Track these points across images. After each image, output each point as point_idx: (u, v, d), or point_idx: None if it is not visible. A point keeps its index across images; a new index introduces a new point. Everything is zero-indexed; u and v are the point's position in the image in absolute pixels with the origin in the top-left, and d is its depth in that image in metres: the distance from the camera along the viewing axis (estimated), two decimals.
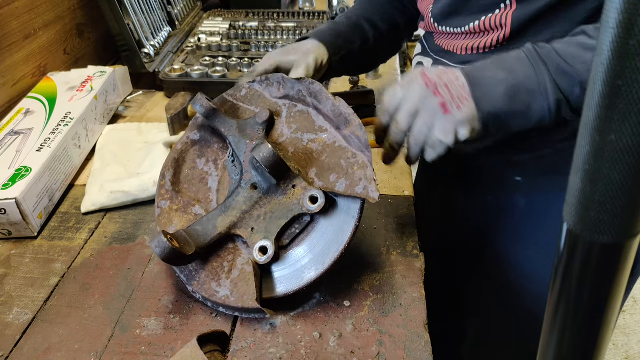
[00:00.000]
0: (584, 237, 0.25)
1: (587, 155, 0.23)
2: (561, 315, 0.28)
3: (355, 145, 0.64)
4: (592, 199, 0.24)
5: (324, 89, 0.67)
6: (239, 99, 0.72)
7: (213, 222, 0.64)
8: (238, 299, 0.61)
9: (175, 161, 0.70)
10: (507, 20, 0.69)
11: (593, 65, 0.22)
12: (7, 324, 0.62)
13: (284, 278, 0.62)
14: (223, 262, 0.64)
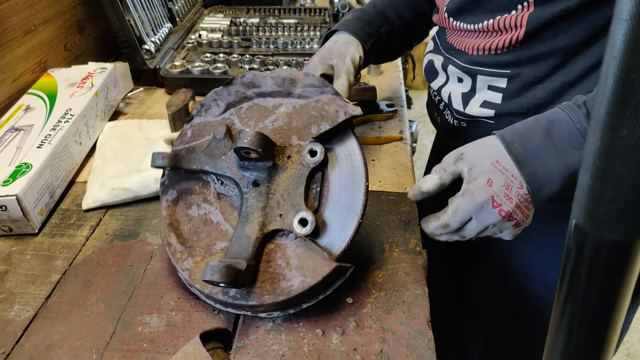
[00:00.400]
0: (593, 234, 0.25)
1: (597, 151, 0.23)
2: (569, 313, 0.28)
3: (314, 92, 0.67)
4: (602, 196, 0.23)
5: (256, 72, 0.70)
6: (188, 141, 0.70)
7: (243, 235, 0.61)
8: (313, 278, 0.59)
9: (170, 225, 0.67)
10: (522, 21, 0.67)
11: (604, 59, 0.21)
12: (8, 320, 0.62)
13: (335, 238, 0.61)
14: (275, 262, 0.62)
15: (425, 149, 2.91)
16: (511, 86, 0.73)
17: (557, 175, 0.58)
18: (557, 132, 0.59)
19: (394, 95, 1.11)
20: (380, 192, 0.82)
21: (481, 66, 0.75)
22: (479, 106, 0.77)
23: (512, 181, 0.59)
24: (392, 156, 0.90)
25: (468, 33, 0.76)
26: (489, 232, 0.62)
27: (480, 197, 0.59)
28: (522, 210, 0.60)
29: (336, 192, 0.63)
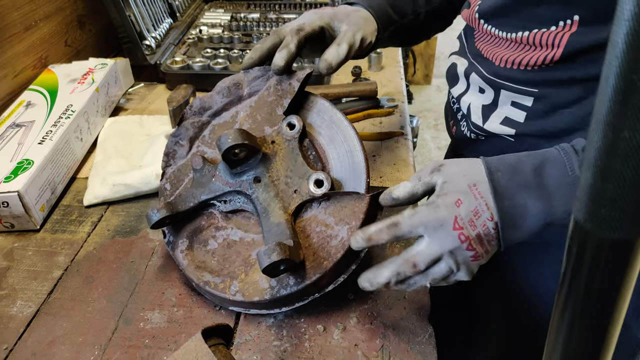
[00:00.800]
0: (594, 233, 0.25)
1: (598, 151, 0.23)
2: (569, 311, 0.28)
3: (260, 83, 0.69)
4: (604, 195, 0.23)
5: (200, 96, 0.71)
6: (171, 193, 0.68)
7: (272, 225, 0.61)
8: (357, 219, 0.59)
9: (198, 268, 0.64)
10: (562, 41, 0.61)
11: (606, 58, 0.21)
12: (10, 316, 0.62)
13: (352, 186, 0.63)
14: (314, 232, 0.61)
15: (426, 144, 2.91)
16: (537, 106, 0.67)
17: (533, 219, 0.52)
18: (547, 174, 0.52)
19: (394, 90, 1.11)
20: (381, 187, 0.82)
21: (507, 80, 0.69)
22: (500, 123, 0.71)
23: (484, 210, 0.52)
24: (393, 152, 0.90)
25: (498, 40, 0.69)
26: (442, 266, 0.53)
27: (443, 214, 0.52)
28: (483, 244, 0.53)
29: (334, 156, 0.64)
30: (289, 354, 0.57)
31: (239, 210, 0.66)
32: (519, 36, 0.65)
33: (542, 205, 0.51)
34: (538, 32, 0.63)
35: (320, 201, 0.62)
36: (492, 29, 0.69)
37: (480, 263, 0.54)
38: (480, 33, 0.73)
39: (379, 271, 0.54)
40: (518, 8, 0.64)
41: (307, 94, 0.68)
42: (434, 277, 0.54)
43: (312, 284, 0.58)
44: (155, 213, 0.63)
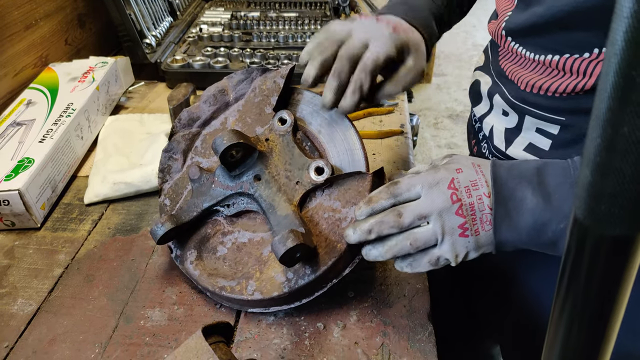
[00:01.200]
0: (594, 229, 0.25)
1: (598, 147, 0.23)
2: (568, 308, 0.28)
3: (245, 86, 0.70)
4: (603, 191, 0.23)
5: (188, 108, 0.71)
6: (171, 208, 0.68)
7: (280, 219, 0.61)
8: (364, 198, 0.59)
9: (211, 275, 0.63)
10: (594, 70, 0.56)
11: (605, 55, 0.21)
12: (11, 314, 0.62)
13: (351, 168, 0.63)
14: (322, 219, 0.61)
15: (426, 143, 2.91)
16: (564, 135, 0.63)
17: (528, 215, 0.50)
18: (548, 172, 0.51)
19: None
20: None
21: (532, 106, 0.64)
22: (523, 149, 0.68)
23: (482, 185, 0.51)
24: (393, 150, 0.91)
25: (524, 61, 0.64)
26: (427, 228, 0.51)
27: (442, 174, 0.52)
28: (475, 220, 0.51)
29: (334, 154, 0.65)
30: (289, 352, 0.58)
31: (243, 212, 0.66)
32: (547, 59, 0.60)
33: (540, 201, 0.50)
34: (570, 57, 0.58)
35: (323, 189, 0.62)
36: (519, 48, 0.64)
37: (467, 247, 0.52)
38: (505, 50, 0.68)
39: (365, 219, 0.53)
40: (551, 29, 0.59)
41: (292, 89, 0.68)
42: (416, 237, 0.51)
43: (328, 269, 0.58)
44: (160, 227, 0.62)
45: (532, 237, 0.51)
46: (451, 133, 2.97)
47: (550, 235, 0.50)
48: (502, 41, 0.67)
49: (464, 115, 3.12)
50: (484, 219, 0.51)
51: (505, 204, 0.51)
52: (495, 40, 0.70)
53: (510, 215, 0.50)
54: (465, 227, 0.51)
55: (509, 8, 0.66)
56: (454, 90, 3.39)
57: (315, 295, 0.60)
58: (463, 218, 0.51)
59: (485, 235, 0.51)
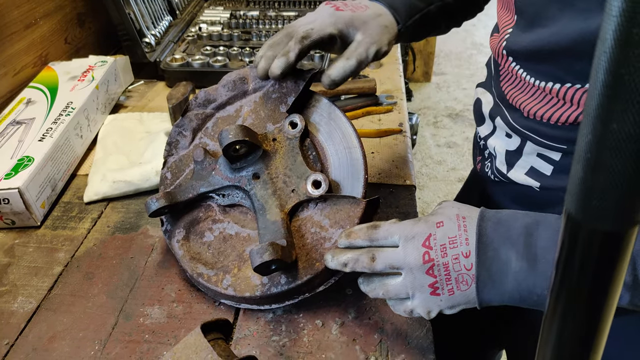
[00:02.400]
0: (586, 225, 0.25)
1: (589, 143, 0.23)
2: (562, 302, 0.29)
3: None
4: (594, 187, 0.24)
5: (206, 88, 0.71)
6: (171, 182, 0.69)
7: (268, 223, 0.61)
8: (351, 224, 0.60)
9: (192, 259, 0.64)
10: None
11: (595, 54, 0.22)
12: (12, 312, 0.63)
13: (350, 189, 0.63)
14: (309, 232, 0.62)
15: (425, 141, 2.91)
16: (566, 162, 0.62)
17: (512, 278, 0.48)
18: (538, 234, 0.49)
19: (393, 87, 1.11)
20: (380, 184, 0.82)
21: (534, 133, 0.63)
22: (525, 173, 0.67)
23: (461, 243, 0.50)
24: (392, 149, 0.91)
25: (525, 85, 0.63)
26: (398, 281, 0.51)
27: (420, 228, 0.51)
28: (449, 280, 0.49)
29: (333, 153, 0.65)
30: (288, 349, 0.58)
31: (236, 204, 0.67)
32: (548, 87, 0.58)
33: (524, 266, 0.48)
34: (571, 87, 0.56)
35: (316, 202, 0.62)
36: (519, 70, 0.62)
37: (440, 305, 0.50)
38: (505, 71, 0.66)
39: (344, 251, 0.54)
40: (555, 56, 0.56)
41: (312, 93, 0.68)
42: (388, 289, 0.52)
43: (303, 284, 0.59)
44: (154, 202, 0.63)
45: (516, 300, 0.49)
46: (450, 132, 2.97)
47: (535, 299, 0.48)
48: (502, 60, 0.66)
49: (463, 114, 3.12)
50: (459, 279, 0.50)
51: (488, 267, 0.49)
52: (496, 58, 0.68)
53: (494, 279, 0.49)
54: (436, 286, 0.50)
55: (509, 24, 0.64)
56: (453, 89, 3.39)
57: (285, 304, 0.61)
58: (434, 278, 0.50)
59: (461, 295, 0.50)
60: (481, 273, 0.49)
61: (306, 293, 0.60)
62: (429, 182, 2.60)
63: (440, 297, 0.50)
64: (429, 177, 2.64)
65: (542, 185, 0.65)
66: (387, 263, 0.51)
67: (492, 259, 0.49)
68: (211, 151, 0.69)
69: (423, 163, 2.73)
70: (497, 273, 0.49)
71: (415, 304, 0.51)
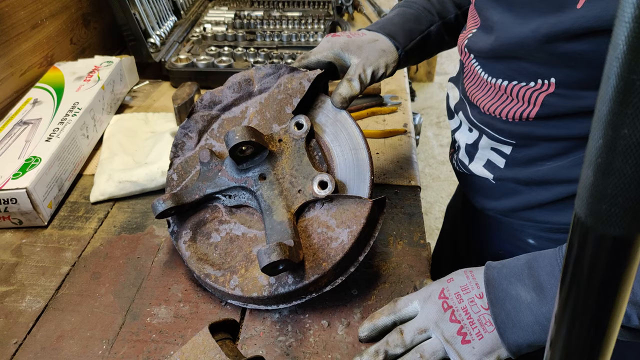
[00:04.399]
0: (595, 229, 0.25)
1: (599, 148, 0.23)
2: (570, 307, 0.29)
3: (271, 81, 0.69)
4: (604, 192, 0.24)
5: (211, 90, 0.71)
6: (177, 183, 0.70)
7: (274, 223, 0.61)
8: (358, 224, 0.60)
9: (200, 260, 0.65)
10: (537, 100, 0.60)
11: (607, 59, 0.22)
12: (20, 311, 0.63)
13: (356, 189, 0.63)
14: (315, 233, 0.62)
15: (429, 141, 2.91)
16: (515, 155, 0.67)
17: (528, 312, 0.51)
18: (538, 265, 0.53)
19: (397, 88, 1.11)
20: (385, 185, 0.82)
21: (489, 128, 0.68)
22: (482, 166, 0.72)
23: (473, 287, 0.54)
24: (396, 149, 0.91)
25: (482, 82, 0.67)
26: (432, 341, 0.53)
27: (433, 287, 0.56)
28: (473, 322, 0.52)
29: (339, 153, 0.65)
30: (294, 349, 0.58)
31: (243, 205, 0.67)
32: (498, 83, 0.63)
33: (536, 296, 0.51)
34: (517, 84, 0.61)
35: (323, 202, 0.63)
36: (477, 68, 0.67)
37: (475, 353, 0.52)
38: (467, 69, 0.70)
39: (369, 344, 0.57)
40: (505, 55, 0.61)
41: (317, 94, 0.69)
42: (423, 349, 0.53)
43: (310, 284, 0.59)
44: (161, 203, 0.64)
45: (538, 333, 0.51)
46: None
47: None
48: (464, 57, 0.70)
49: None
50: (482, 320, 0.53)
51: (503, 306, 0.52)
52: (460, 57, 0.72)
53: (511, 317, 0.52)
54: (464, 332, 0.52)
55: (475, 25, 0.68)
56: None
57: (293, 304, 0.61)
58: (458, 323, 0.53)
59: (490, 337, 0.52)
60: (497, 312, 0.52)
61: (313, 293, 0.61)
62: (432, 182, 2.60)
63: (472, 343, 0.52)
64: (432, 177, 2.63)
65: (496, 176, 0.71)
66: (414, 328, 0.54)
67: (504, 298, 0.52)
68: (217, 152, 0.69)
69: (426, 163, 2.73)
70: (513, 310, 0.52)
71: (453, 358, 0.52)
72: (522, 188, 0.69)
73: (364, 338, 0.58)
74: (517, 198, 0.70)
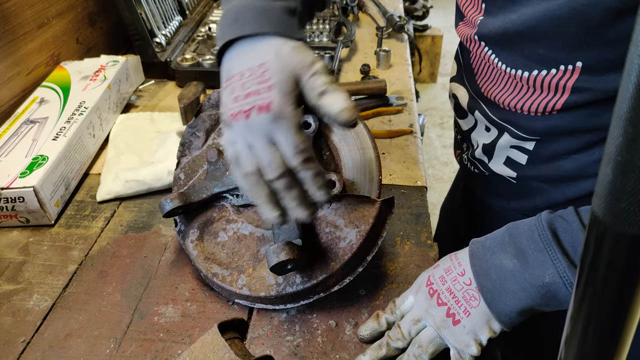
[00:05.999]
0: (613, 228, 0.25)
1: (619, 146, 0.23)
2: (586, 306, 0.29)
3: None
4: (623, 190, 0.24)
5: (215, 91, 0.71)
6: (185, 183, 0.70)
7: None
8: (367, 223, 0.60)
9: (207, 259, 0.65)
10: (566, 85, 0.57)
11: (628, 57, 0.22)
12: (27, 310, 0.63)
13: (364, 189, 0.63)
14: (323, 232, 0.62)
15: (432, 142, 2.91)
16: (539, 151, 0.66)
17: (513, 279, 0.51)
18: (517, 231, 0.53)
19: (403, 88, 1.11)
20: (391, 185, 0.82)
21: (509, 124, 0.66)
22: (503, 163, 0.71)
23: (455, 267, 0.55)
24: (403, 150, 0.91)
25: (498, 73, 0.65)
26: (428, 331, 0.54)
27: (422, 277, 0.58)
28: (458, 301, 0.53)
29: (346, 153, 0.65)
30: (302, 349, 0.58)
31: (250, 204, 0.67)
32: (518, 74, 0.60)
33: (518, 262, 0.51)
34: (539, 74, 0.58)
35: (330, 202, 0.62)
36: (492, 57, 0.64)
37: (467, 332, 0.52)
38: (478, 60, 0.67)
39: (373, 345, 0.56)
40: (521, 41, 0.58)
41: None
42: (421, 340, 0.54)
43: (318, 283, 0.59)
44: (168, 202, 0.64)
45: (529, 301, 0.51)
46: None
47: (544, 292, 0.50)
48: (474, 46, 0.66)
49: None
50: (467, 296, 0.53)
51: (488, 276, 0.52)
52: (467, 45, 0.69)
53: (496, 285, 0.52)
54: (452, 313, 0.53)
55: (478, 13, 0.65)
56: None
57: (300, 303, 0.61)
58: (445, 306, 0.54)
59: (477, 312, 0.52)
60: (483, 283, 0.53)
61: (321, 293, 0.60)
62: (436, 183, 2.60)
63: (462, 322, 0.53)
64: (435, 178, 2.63)
65: (519, 174, 0.69)
66: (409, 319, 0.56)
67: (488, 269, 0.53)
68: (223, 150, 0.69)
69: (429, 164, 2.73)
70: (497, 279, 0.52)
71: (451, 342, 0.53)
72: (545, 186, 0.68)
73: (366, 337, 0.58)
74: (541, 197, 0.69)
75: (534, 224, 0.53)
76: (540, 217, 0.53)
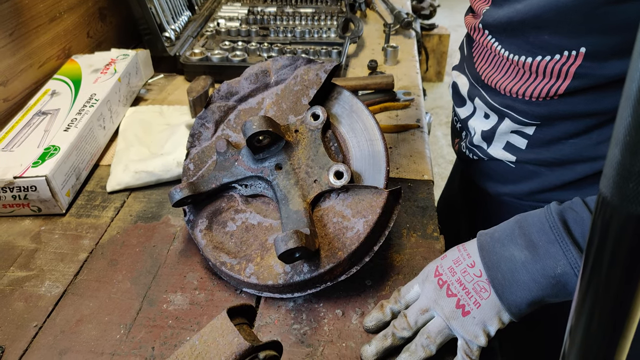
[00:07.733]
0: (621, 208, 0.25)
1: (628, 127, 0.23)
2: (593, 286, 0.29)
3: (288, 72, 0.70)
4: (632, 170, 0.24)
5: (228, 81, 0.72)
6: (194, 173, 0.70)
7: (290, 213, 0.62)
8: (374, 213, 0.60)
9: (215, 248, 0.65)
10: (569, 71, 0.58)
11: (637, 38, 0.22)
12: (39, 296, 0.64)
13: (371, 180, 0.64)
14: (331, 222, 0.62)
15: (438, 141, 2.91)
16: (539, 135, 0.67)
17: (524, 270, 0.51)
18: (527, 223, 0.54)
19: (410, 84, 1.12)
20: (398, 179, 0.83)
21: (510, 110, 0.68)
22: (502, 148, 0.72)
23: (464, 258, 0.55)
24: (409, 144, 0.91)
25: (500, 60, 0.66)
26: (436, 321, 0.54)
27: (429, 268, 0.58)
28: (468, 292, 0.53)
29: (354, 144, 0.66)
30: (309, 337, 0.59)
31: (258, 195, 0.68)
32: (521, 60, 0.62)
33: (529, 254, 0.51)
34: (542, 60, 0.60)
35: (338, 192, 0.63)
36: (495, 44, 0.65)
37: (476, 323, 0.53)
38: (480, 47, 0.69)
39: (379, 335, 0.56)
40: (525, 28, 0.60)
41: (333, 85, 0.69)
42: (429, 330, 0.54)
43: (325, 272, 0.60)
44: (178, 192, 0.64)
45: (541, 292, 0.51)
46: None
47: (555, 283, 0.51)
48: (478, 35, 0.68)
49: None
50: (477, 288, 0.53)
51: (498, 268, 0.53)
52: (472, 34, 0.71)
53: (506, 277, 0.52)
54: (462, 304, 0.53)
55: (484, 5, 0.68)
56: None
57: (307, 292, 0.62)
58: (455, 297, 0.54)
59: (487, 303, 0.53)
60: (494, 275, 0.53)
61: (328, 282, 0.61)
62: (441, 181, 2.60)
63: (472, 313, 0.53)
64: (441, 176, 2.63)
65: (517, 159, 0.70)
66: (416, 309, 0.56)
67: (498, 261, 0.53)
68: (234, 142, 0.70)
69: (435, 162, 2.73)
70: (508, 271, 0.52)
71: (460, 333, 0.53)
72: (543, 169, 0.69)
73: (371, 327, 0.58)
74: (537, 180, 0.70)
75: (544, 215, 0.53)
76: (549, 208, 0.53)
